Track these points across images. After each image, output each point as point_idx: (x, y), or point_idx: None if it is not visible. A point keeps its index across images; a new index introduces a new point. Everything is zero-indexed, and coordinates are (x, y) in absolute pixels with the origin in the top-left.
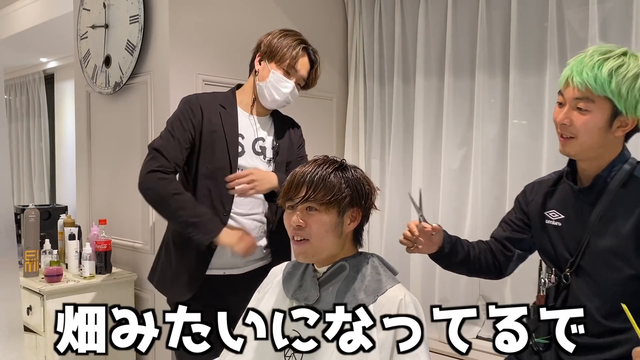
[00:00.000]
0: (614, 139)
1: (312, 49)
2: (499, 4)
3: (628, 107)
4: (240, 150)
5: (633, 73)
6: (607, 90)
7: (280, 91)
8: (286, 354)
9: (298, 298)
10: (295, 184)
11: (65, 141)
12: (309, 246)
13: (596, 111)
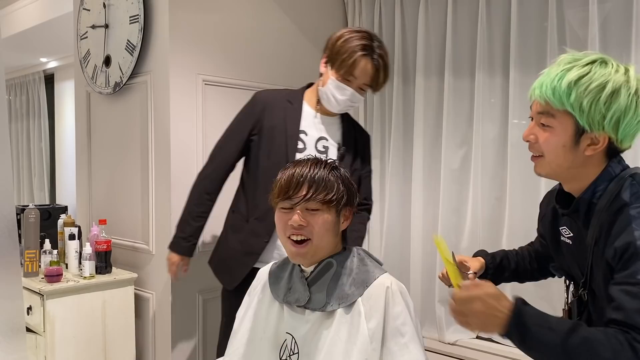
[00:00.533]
0: (588, 159)
1: (377, 53)
2: (499, 4)
3: (592, 123)
4: (302, 147)
5: (597, 84)
6: (567, 104)
7: (337, 98)
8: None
9: (289, 301)
10: (295, 184)
11: (65, 141)
12: (310, 246)
13: (558, 127)
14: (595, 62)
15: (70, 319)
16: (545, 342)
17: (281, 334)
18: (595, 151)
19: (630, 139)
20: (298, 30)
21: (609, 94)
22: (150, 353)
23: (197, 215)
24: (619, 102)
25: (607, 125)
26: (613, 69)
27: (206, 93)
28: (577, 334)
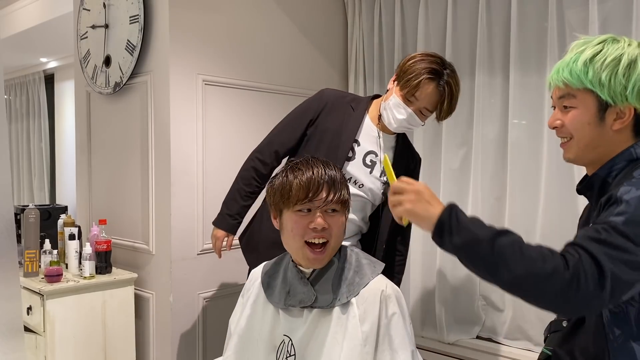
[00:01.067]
0: (617, 135)
1: (444, 80)
2: (499, 4)
3: (615, 95)
4: (351, 156)
5: (613, 57)
6: (586, 81)
7: (395, 116)
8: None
9: (292, 304)
10: (316, 186)
11: (65, 141)
12: (328, 249)
13: (580, 106)
14: (606, 40)
15: (70, 319)
16: (476, 234)
17: (278, 336)
18: (623, 124)
19: None
20: (298, 31)
21: (626, 66)
22: (150, 353)
23: (245, 195)
24: (638, 72)
25: (630, 95)
26: (626, 44)
27: (206, 93)
28: (510, 235)
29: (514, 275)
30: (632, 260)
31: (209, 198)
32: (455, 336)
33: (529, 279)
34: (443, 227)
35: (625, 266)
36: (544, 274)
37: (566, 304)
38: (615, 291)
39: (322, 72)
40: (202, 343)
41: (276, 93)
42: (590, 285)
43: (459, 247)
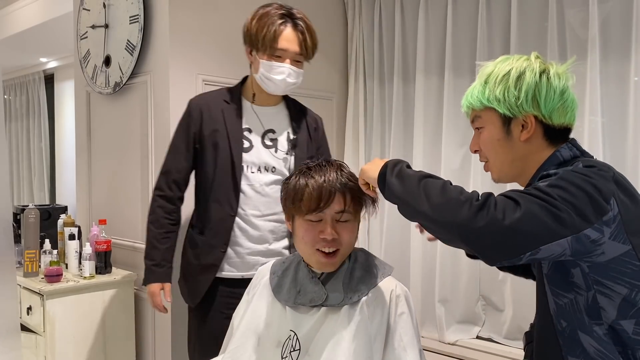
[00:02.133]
0: (529, 146)
1: (295, 17)
2: (499, 4)
3: (512, 107)
4: (248, 146)
5: (503, 74)
6: (484, 100)
7: (275, 79)
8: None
9: (302, 302)
10: (327, 194)
11: (65, 141)
12: (340, 255)
13: (487, 124)
14: (499, 60)
15: (70, 319)
16: (409, 174)
17: (284, 332)
18: (529, 134)
19: (560, 114)
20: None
21: (515, 78)
22: (150, 353)
23: (162, 238)
24: (527, 82)
25: (525, 104)
26: (514, 59)
27: None
28: (441, 179)
29: (431, 204)
30: (551, 210)
31: None
32: (455, 336)
33: (442, 207)
34: (385, 171)
35: (544, 210)
36: (457, 202)
37: (473, 233)
38: (531, 228)
39: (322, 72)
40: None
41: None
42: (500, 213)
43: (393, 187)
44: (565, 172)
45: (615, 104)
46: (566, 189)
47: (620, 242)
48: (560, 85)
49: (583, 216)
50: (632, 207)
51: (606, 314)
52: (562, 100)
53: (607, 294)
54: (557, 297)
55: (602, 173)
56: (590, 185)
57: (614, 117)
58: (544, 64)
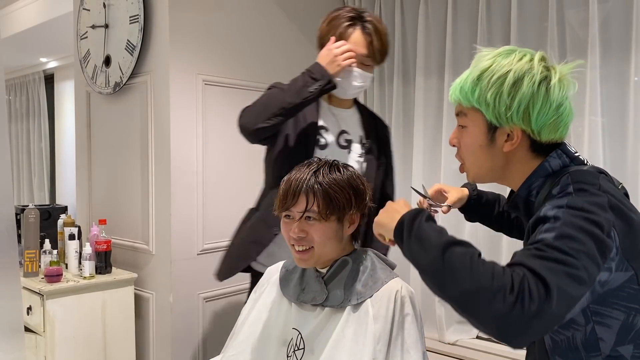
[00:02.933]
0: (512, 157)
1: (364, 20)
2: (499, 4)
3: (499, 116)
4: (323, 143)
5: (499, 75)
6: (473, 100)
7: (342, 82)
8: (288, 354)
9: (304, 300)
10: (292, 194)
11: (65, 141)
12: (312, 254)
13: (471, 125)
14: (500, 54)
15: (70, 319)
16: (430, 239)
17: (289, 331)
18: (513, 146)
19: (551, 130)
20: (298, 30)
21: (511, 84)
22: (150, 353)
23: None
24: (522, 91)
25: (515, 116)
26: (516, 58)
27: (206, 93)
28: (465, 247)
29: (460, 289)
30: (574, 274)
31: (208, 198)
32: (455, 336)
33: (473, 296)
34: (402, 228)
35: (569, 279)
36: (490, 292)
37: (510, 327)
38: (562, 307)
39: None
40: (202, 343)
41: None
42: (534, 304)
43: (412, 250)
44: (565, 214)
45: (615, 104)
46: (575, 238)
47: (623, 270)
48: (558, 98)
49: (596, 262)
50: (627, 229)
51: (604, 343)
52: (557, 115)
53: (605, 324)
54: (554, 334)
55: (598, 201)
56: (592, 224)
57: (614, 117)
58: (547, 70)
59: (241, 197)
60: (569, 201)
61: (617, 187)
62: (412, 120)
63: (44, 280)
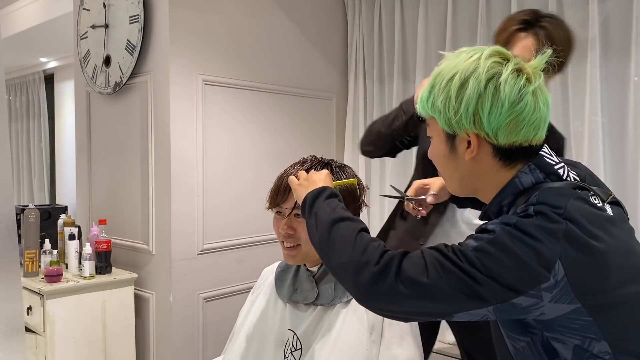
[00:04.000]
0: (478, 165)
1: (539, 24)
2: (498, 4)
3: (450, 122)
4: None
5: (447, 79)
6: (428, 109)
7: None
8: (285, 354)
9: (297, 300)
10: (282, 190)
11: (65, 141)
12: (300, 251)
13: (434, 136)
14: (452, 56)
15: (70, 319)
16: (323, 215)
17: (285, 332)
18: (473, 154)
19: (510, 132)
20: (298, 30)
21: (458, 87)
22: (150, 353)
23: None
24: (468, 93)
25: (465, 120)
26: (465, 56)
27: (206, 93)
28: (354, 223)
29: (337, 261)
30: (468, 285)
31: (208, 198)
32: None
33: (344, 267)
34: (305, 206)
35: (459, 286)
36: (358, 264)
37: (368, 297)
38: (433, 303)
39: (322, 72)
40: (202, 343)
41: (276, 93)
42: (387, 281)
43: (309, 226)
44: (503, 232)
45: (615, 104)
46: (494, 257)
47: (564, 303)
48: (511, 95)
49: (510, 287)
50: (586, 261)
51: (561, 355)
52: (513, 115)
53: (558, 340)
54: (513, 341)
55: (551, 227)
56: (528, 250)
57: (614, 117)
58: (498, 65)
59: (241, 197)
60: (518, 221)
61: (604, 200)
62: None
63: (44, 280)
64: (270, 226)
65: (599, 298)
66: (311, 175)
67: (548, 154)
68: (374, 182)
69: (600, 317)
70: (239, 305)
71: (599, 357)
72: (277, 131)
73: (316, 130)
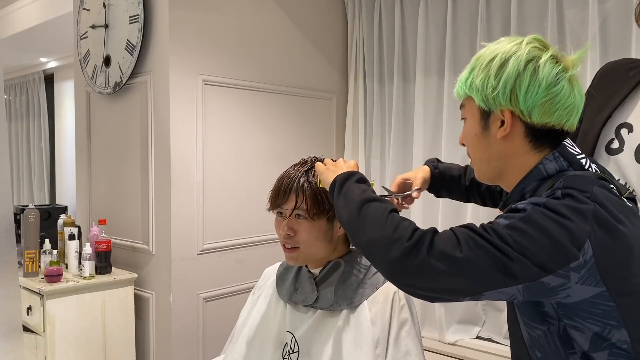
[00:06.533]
0: (508, 146)
1: None
2: (499, 4)
3: (487, 98)
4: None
5: (488, 60)
6: (466, 88)
7: None
8: (283, 356)
9: (296, 300)
10: (283, 191)
11: (65, 141)
12: (300, 253)
13: (468, 116)
14: (493, 44)
15: (70, 319)
16: (353, 195)
17: (283, 334)
18: (505, 132)
19: (544, 112)
20: (298, 30)
21: (498, 66)
22: (150, 353)
23: None
24: (508, 71)
25: (502, 97)
26: (507, 42)
27: (206, 93)
28: (384, 203)
29: (367, 237)
30: (501, 261)
31: (208, 198)
32: (455, 336)
33: (375, 243)
34: (334, 187)
35: (492, 262)
36: (390, 239)
37: (399, 272)
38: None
39: (322, 72)
40: (202, 343)
41: (276, 93)
42: (433, 257)
43: (338, 206)
44: (533, 210)
45: None
46: (527, 234)
47: (591, 285)
48: (549, 76)
49: (541, 265)
50: (612, 244)
51: (578, 345)
52: (549, 96)
53: (577, 328)
54: (530, 329)
55: (580, 207)
56: (560, 228)
57: None
58: (537, 50)
59: (241, 197)
60: (548, 201)
61: (622, 193)
62: (412, 120)
63: (43, 280)
64: (270, 226)
65: (622, 283)
66: (339, 162)
67: (571, 145)
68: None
69: (623, 303)
70: (239, 305)
71: (616, 345)
72: (277, 131)
73: (316, 130)
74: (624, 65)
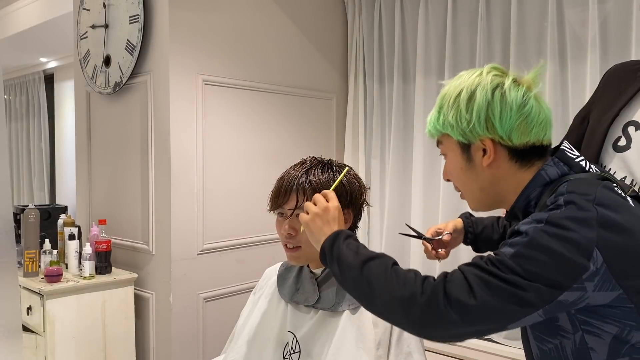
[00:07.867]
0: (496, 171)
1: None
2: (498, 4)
3: (465, 133)
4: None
5: (455, 95)
6: (440, 127)
7: None
8: (284, 356)
9: (297, 300)
10: (284, 192)
11: (65, 141)
12: (301, 252)
13: (449, 151)
14: (454, 79)
15: (70, 319)
16: (349, 262)
17: (284, 334)
18: (490, 159)
19: (522, 133)
20: (298, 30)
21: (467, 99)
22: (150, 353)
23: None
24: (478, 102)
25: (478, 127)
26: (467, 76)
27: (206, 93)
28: (380, 259)
29: (380, 302)
30: (516, 294)
31: (208, 198)
32: None
33: (393, 305)
34: (325, 254)
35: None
36: (403, 299)
37: (424, 328)
38: (483, 321)
39: (322, 72)
40: (202, 343)
41: (276, 93)
42: (450, 310)
43: (335, 274)
44: (535, 232)
45: None
46: (534, 260)
47: (607, 290)
48: (517, 98)
49: (555, 285)
50: (622, 244)
51: (596, 354)
52: (522, 117)
53: (596, 333)
54: (540, 343)
55: (583, 216)
56: (565, 243)
57: None
58: (498, 77)
59: (241, 197)
60: (550, 216)
61: (625, 192)
62: (412, 120)
63: (44, 280)
64: (270, 226)
65: (637, 283)
66: (322, 210)
67: (569, 148)
68: (374, 182)
69: None
70: (239, 305)
71: (636, 347)
72: (277, 131)
73: (316, 130)
74: (632, 66)
